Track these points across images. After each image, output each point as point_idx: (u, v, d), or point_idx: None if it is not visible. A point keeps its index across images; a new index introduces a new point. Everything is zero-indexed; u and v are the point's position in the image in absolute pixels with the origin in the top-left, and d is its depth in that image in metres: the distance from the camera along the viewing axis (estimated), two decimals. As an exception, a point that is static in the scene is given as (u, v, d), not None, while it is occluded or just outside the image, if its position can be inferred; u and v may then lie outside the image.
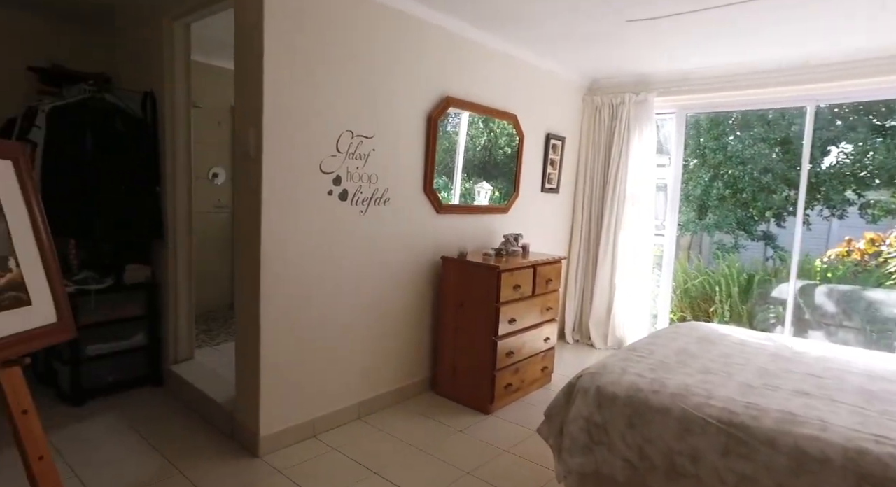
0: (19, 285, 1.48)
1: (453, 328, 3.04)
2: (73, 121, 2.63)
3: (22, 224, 1.52)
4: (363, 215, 2.62)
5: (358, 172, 2.56)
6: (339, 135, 2.45)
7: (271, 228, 2.24)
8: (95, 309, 2.77)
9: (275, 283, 2.29)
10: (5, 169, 1.51)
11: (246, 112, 2.24)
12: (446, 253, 3.11)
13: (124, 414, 2.68)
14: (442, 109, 2.93)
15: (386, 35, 2.59)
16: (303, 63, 2.25)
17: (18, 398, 1.46)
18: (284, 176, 2.26)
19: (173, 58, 2.80)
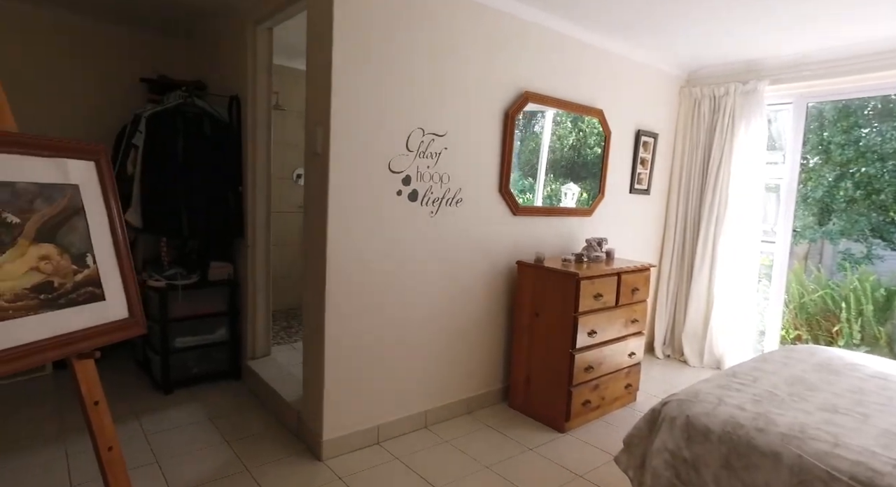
0: (95, 281, 1.54)
1: (528, 338, 2.86)
2: (167, 125, 2.79)
3: (100, 222, 1.58)
4: (433, 216, 2.52)
5: (429, 172, 2.47)
6: (410, 133, 2.37)
7: (337, 228, 2.21)
8: (183, 304, 2.92)
9: (340, 284, 2.25)
10: (88, 169, 1.57)
11: (314, 110, 2.23)
12: (522, 257, 2.93)
13: (205, 406, 2.79)
14: (519, 105, 2.76)
15: (459, 28, 2.47)
16: (372, 60, 2.19)
17: (91, 390, 1.51)
18: (352, 175, 2.21)
19: (256, 61, 2.88)
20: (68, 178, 1.50)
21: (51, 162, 1.47)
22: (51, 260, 1.43)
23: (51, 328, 1.40)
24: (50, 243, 1.43)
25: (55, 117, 3.29)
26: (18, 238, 1.36)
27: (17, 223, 1.36)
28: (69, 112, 3.33)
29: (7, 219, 1.34)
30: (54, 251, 1.44)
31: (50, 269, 1.42)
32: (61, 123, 3.31)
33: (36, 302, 1.37)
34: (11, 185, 1.36)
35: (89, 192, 1.56)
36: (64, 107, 3.31)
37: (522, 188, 2.94)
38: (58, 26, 3.25)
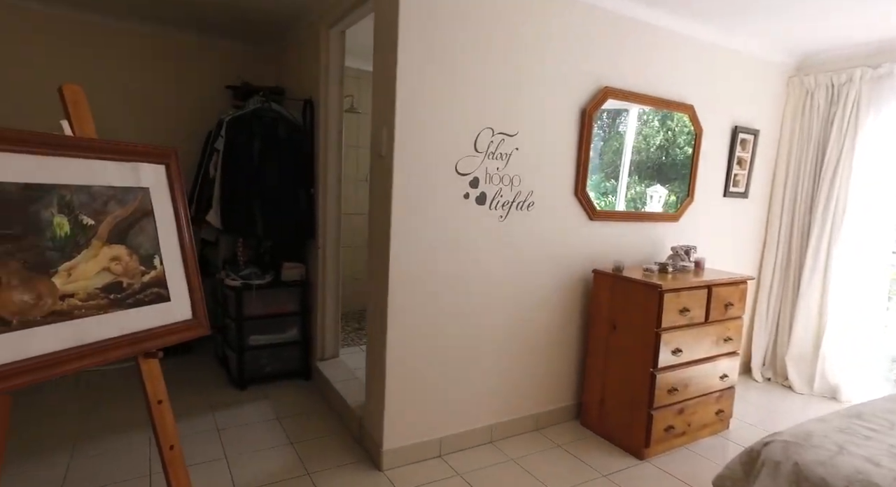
0: (161, 282, 1.57)
1: (603, 352, 2.64)
2: (244, 129, 2.88)
3: (168, 224, 1.61)
4: (503, 221, 2.39)
5: (498, 174, 2.34)
6: (478, 134, 2.25)
7: (401, 232, 2.14)
8: (257, 303, 3.00)
9: (403, 290, 2.18)
10: (158, 173, 1.61)
11: (380, 112, 2.17)
12: (599, 266, 2.72)
13: (275, 404, 2.84)
14: (598, 102, 2.55)
15: (531, 22, 2.31)
16: (439, 58, 2.10)
17: (155, 388, 1.54)
18: (417, 177, 2.13)
19: (328, 64, 2.90)
20: (140, 181, 1.54)
21: (124, 165, 1.51)
22: (121, 260, 1.47)
23: (119, 327, 1.43)
24: (121, 244, 1.47)
25: (152, 124, 3.53)
26: (92, 239, 1.40)
27: (91, 225, 1.41)
28: (164, 119, 3.56)
29: (83, 221, 1.39)
30: (124, 252, 1.48)
31: (120, 270, 1.46)
32: (156, 130, 3.55)
33: (106, 302, 1.41)
34: (88, 189, 1.40)
35: (159, 195, 1.59)
36: (159, 114, 3.55)
37: (604, 190, 2.73)
38: (154, 40, 3.48)
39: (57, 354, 1.29)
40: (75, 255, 1.35)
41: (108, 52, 3.35)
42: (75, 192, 1.37)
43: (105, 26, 3.32)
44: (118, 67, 3.39)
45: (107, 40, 3.34)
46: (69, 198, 1.36)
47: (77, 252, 1.36)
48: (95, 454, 2.28)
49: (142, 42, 3.44)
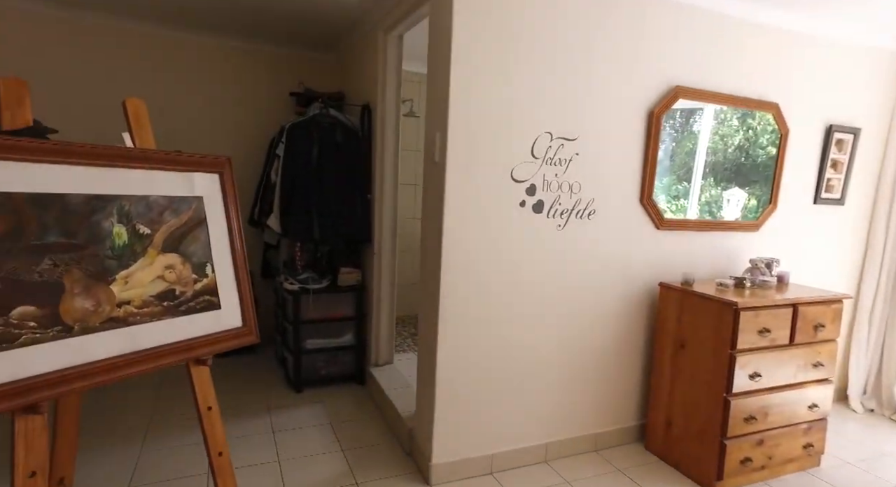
0: (212, 290, 1.59)
1: (670, 372, 2.44)
2: (303, 135, 2.93)
3: (220, 232, 1.64)
4: (561, 230, 2.26)
5: (556, 180, 2.21)
6: (536, 139, 2.14)
7: (453, 240, 2.07)
8: (314, 307, 3.04)
9: (455, 299, 2.11)
10: (212, 182, 1.64)
11: (433, 117, 2.12)
12: (666, 278, 2.52)
13: (329, 409, 2.86)
14: (668, 103, 2.37)
15: (593, 21, 2.17)
16: (495, 62, 2.02)
17: (205, 395, 1.56)
18: (470, 184, 2.06)
19: (385, 69, 2.89)
20: (194, 190, 1.57)
21: (180, 175, 1.54)
22: (175, 269, 1.50)
23: (172, 334, 1.46)
24: (174, 253, 1.50)
25: (221, 132, 3.69)
26: (148, 248, 1.44)
27: (147, 234, 1.44)
28: (232, 127, 3.71)
29: (140, 231, 1.43)
30: (178, 260, 1.51)
31: (173, 278, 1.49)
32: (224, 137, 3.71)
33: (160, 309, 1.45)
34: (146, 199, 1.44)
35: (212, 203, 1.62)
36: (227, 122, 3.70)
37: (676, 193, 2.53)
38: (221, 51, 3.64)
39: (113, 359, 1.32)
40: (132, 264, 1.39)
41: (177, 64, 3.53)
42: (134, 203, 1.42)
43: (173, 38, 3.50)
44: (188, 78, 3.56)
45: (176, 52, 3.52)
46: (128, 209, 1.40)
47: (133, 260, 1.40)
48: (163, 447, 2.39)
49: (210, 53, 3.60)
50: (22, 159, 1.22)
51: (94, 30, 3.29)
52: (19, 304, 1.18)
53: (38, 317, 1.20)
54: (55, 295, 1.24)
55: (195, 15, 3.18)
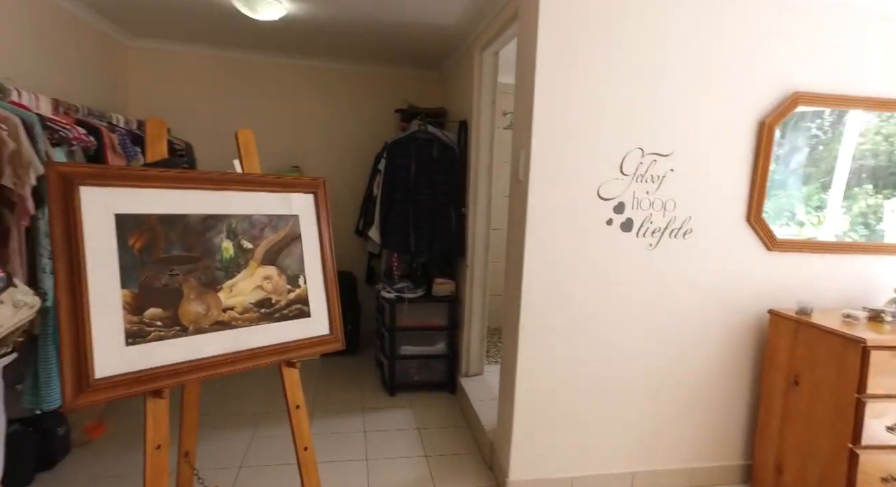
0: (303, 300, 1.76)
1: (780, 411, 2.19)
2: (401, 151, 3.10)
3: (313, 247, 1.81)
4: (652, 250, 2.15)
5: (648, 198, 2.11)
6: (625, 155, 2.06)
7: (535, 258, 2.06)
8: (409, 315, 3.19)
9: (536, 317, 2.10)
10: (307, 201, 1.82)
11: (519, 134, 2.14)
12: (778, 306, 2.27)
13: (418, 414, 2.99)
14: (784, 111, 2.13)
15: (691, 28, 2.04)
16: (582, 77, 1.98)
17: (294, 394, 1.73)
18: (553, 202, 2.04)
19: (481, 85, 2.95)
20: (291, 209, 1.76)
21: (279, 196, 1.74)
22: (272, 279, 1.69)
23: (267, 337, 1.65)
24: (272, 265, 1.70)
25: (336, 149, 4.03)
26: (250, 260, 1.64)
27: (250, 248, 1.65)
28: (342, 143, 4.05)
29: (244, 245, 1.64)
30: (275, 272, 1.70)
31: (270, 288, 1.69)
32: (337, 154, 4.04)
33: (258, 315, 1.64)
34: (249, 217, 1.65)
35: (307, 221, 1.80)
36: (337, 139, 4.04)
37: (820, 203, 2.27)
38: (335, 73, 3.98)
39: (218, 357, 1.53)
40: (236, 274, 1.60)
41: (295, 88, 3.93)
42: (240, 221, 1.63)
43: (294, 65, 3.90)
44: (306, 100, 3.95)
45: (294, 77, 3.92)
46: (235, 226, 1.62)
47: (237, 271, 1.61)
48: (271, 435, 2.67)
49: (324, 76, 3.96)
50: (157, 186, 1.46)
51: (227, 62, 3.79)
52: (150, 307, 1.41)
53: (163, 318, 1.44)
54: (176, 300, 1.46)
55: (314, 45, 3.54)
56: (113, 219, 1.38)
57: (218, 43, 3.63)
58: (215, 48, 3.72)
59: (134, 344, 1.37)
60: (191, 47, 3.69)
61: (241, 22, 3.01)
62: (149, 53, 3.66)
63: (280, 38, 3.38)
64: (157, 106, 3.69)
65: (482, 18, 2.75)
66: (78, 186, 1.33)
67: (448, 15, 2.79)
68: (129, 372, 1.35)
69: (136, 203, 1.42)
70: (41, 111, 2.21)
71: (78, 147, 2.21)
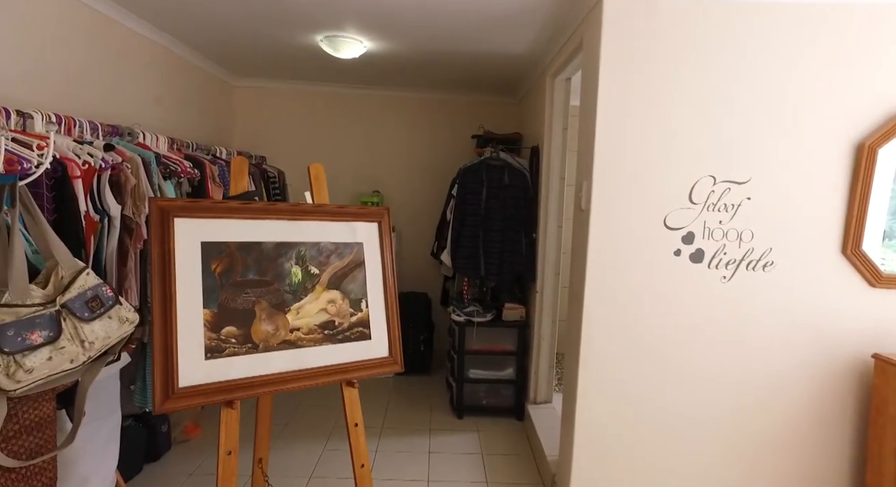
0: (365, 323, 1.87)
1: (894, 475, 1.92)
2: (473, 177, 3.17)
3: (375, 274, 1.92)
4: (726, 283, 2.01)
5: (721, 228, 1.99)
6: (695, 183, 1.97)
7: (597, 291, 2.02)
8: (478, 339, 3.22)
9: (597, 347, 2.04)
10: (371, 229, 1.94)
11: (581, 163, 2.12)
12: (885, 350, 2.01)
13: (484, 439, 2.98)
14: (889, 133, 1.92)
15: (774, 45, 1.91)
16: (647, 106, 1.93)
17: (353, 413, 1.83)
18: (617, 232, 1.99)
19: (552, 111, 2.96)
20: (356, 237, 1.88)
21: (345, 225, 1.87)
22: (335, 303, 1.82)
23: (329, 357, 1.76)
24: (336, 290, 1.83)
25: (416, 174, 4.22)
26: (316, 285, 1.78)
27: (316, 273, 1.79)
28: (422, 167, 4.23)
29: (311, 271, 1.78)
30: (339, 296, 1.82)
31: (334, 311, 1.81)
32: (415, 177, 4.22)
33: (321, 336, 1.77)
34: (317, 245, 1.80)
35: (370, 248, 1.91)
36: (418, 164, 4.22)
37: None
38: (416, 102, 4.17)
39: (285, 374, 1.67)
40: (303, 297, 1.74)
41: (376, 117, 4.18)
42: (308, 248, 1.77)
43: (372, 96, 4.16)
44: (386, 129, 4.19)
45: (376, 107, 4.17)
46: (303, 253, 1.76)
47: (304, 295, 1.75)
48: (339, 449, 2.81)
49: (404, 105, 4.18)
50: (237, 217, 1.65)
51: (316, 96, 4.13)
52: (226, 325, 1.58)
53: (237, 336, 1.60)
54: (248, 320, 1.62)
55: (393, 77, 3.75)
56: (199, 246, 1.57)
57: (308, 79, 3.97)
58: (306, 84, 4.07)
59: (212, 358, 1.53)
60: (285, 84, 4.07)
61: (328, 60, 3.29)
62: (251, 91, 4.09)
63: (362, 72, 3.63)
64: (256, 138, 4.10)
65: (551, 48, 2.77)
66: (173, 218, 1.54)
67: (518, 45, 2.85)
68: (208, 382, 1.52)
69: (218, 232, 1.61)
70: (159, 149, 2.56)
71: (184, 179, 2.52)
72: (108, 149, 1.94)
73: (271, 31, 2.85)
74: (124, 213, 2.04)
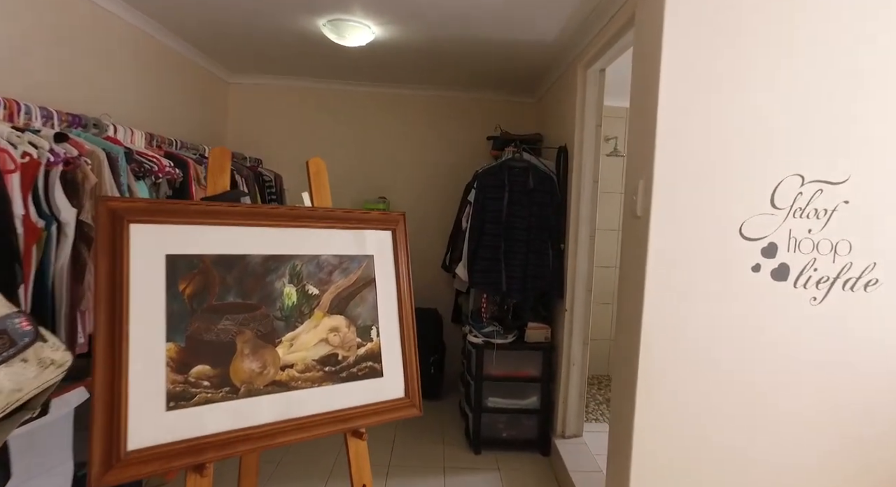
0: (375, 355, 1.50)
1: None
2: (493, 181, 2.81)
3: (388, 293, 1.55)
4: (817, 304, 1.64)
5: (810, 238, 1.62)
6: (778, 184, 1.61)
7: (657, 314, 1.65)
8: (498, 363, 2.84)
9: (658, 386, 1.67)
10: (384, 239, 1.57)
11: (636, 160, 1.76)
12: None
13: (506, 479, 2.59)
14: None
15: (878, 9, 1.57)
16: (716, 87, 1.59)
17: (360, 470, 1.45)
18: (680, 242, 1.63)
19: (584, 107, 2.61)
20: (364, 249, 1.52)
21: (352, 233, 1.50)
22: (339, 331, 1.45)
23: (330, 402, 1.39)
24: (340, 314, 1.46)
25: (421, 177, 3.86)
26: (315, 309, 1.41)
27: (316, 294, 1.42)
28: (432, 172, 3.87)
29: (309, 291, 1.41)
30: (343, 323, 1.45)
31: (337, 341, 1.44)
32: (424, 183, 3.87)
33: (321, 375, 1.39)
34: (317, 258, 1.43)
35: (382, 262, 1.54)
36: (428, 167, 3.87)
37: None
38: (428, 100, 3.83)
39: (273, 425, 1.29)
40: (298, 325, 1.37)
41: (381, 117, 3.84)
42: (306, 262, 1.41)
43: (377, 93, 3.81)
44: (393, 129, 3.84)
45: (381, 105, 3.83)
46: (299, 268, 1.40)
47: (300, 321, 1.38)
48: (341, 492, 2.42)
49: (412, 104, 3.84)
50: (215, 223, 1.28)
51: (316, 93, 3.79)
52: (197, 363, 1.21)
53: (212, 377, 1.23)
54: (227, 356, 1.25)
55: (402, 72, 3.42)
56: (163, 259, 1.20)
57: (309, 75, 3.63)
58: (306, 80, 3.73)
59: (176, 407, 1.16)
60: (284, 81, 3.73)
61: (331, 51, 2.95)
62: (247, 89, 3.75)
63: (368, 65, 3.29)
64: (252, 139, 3.75)
65: (586, 31, 2.43)
66: (128, 223, 1.17)
67: (547, 29, 2.50)
68: (168, 442, 1.14)
69: (190, 242, 1.24)
70: (135, 144, 2.21)
71: (163, 179, 2.16)
72: (60, 140, 1.58)
73: (269, 15, 2.51)
74: (81, 219, 1.67)
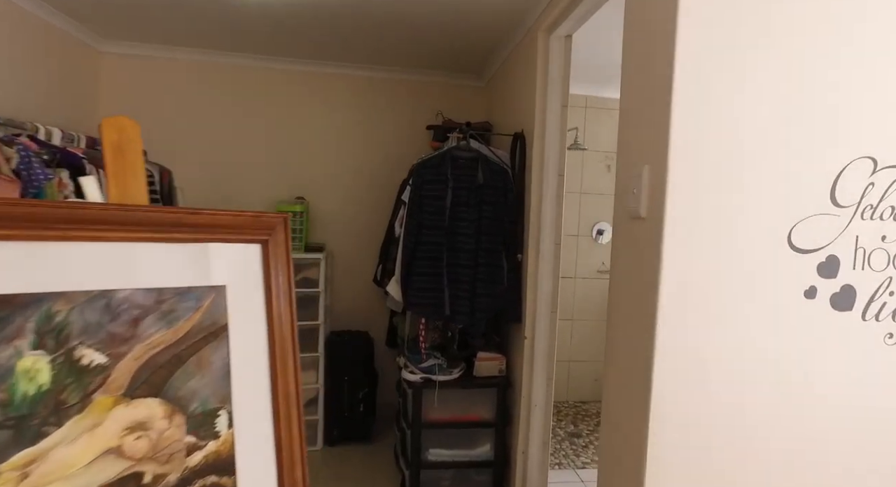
0: (224, 461, 0.86)
1: None
2: (434, 176, 2.23)
3: (254, 351, 0.91)
4: (894, 344, 1.17)
5: (884, 248, 1.15)
6: (841, 171, 1.12)
7: (674, 355, 1.12)
8: (439, 405, 2.25)
9: (677, 443, 1.14)
10: (246, 258, 0.94)
11: (633, 142, 1.23)
12: None
13: (452, 560, 2.00)
14: None
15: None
16: (762, 38, 1.08)
17: None
18: (706, 254, 1.11)
19: (547, 82, 2.08)
20: (209, 275, 0.87)
21: (186, 249, 0.86)
22: (149, 429, 0.80)
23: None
24: (154, 397, 0.81)
25: (345, 173, 3.24)
26: (95, 394, 0.76)
27: (101, 364, 0.77)
28: (358, 166, 3.25)
29: (85, 360, 0.76)
30: (158, 412, 0.80)
31: (143, 449, 0.78)
32: (348, 181, 3.24)
33: (107, 518, 0.75)
34: (106, 297, 0.77)
35: (242, 296, 0.90)
36: (352, 161, 3.25)
37: None
38: (353, 81, 3.21)
39: None
40: (51, 431, 0.72)
41: (297, 101, 3.18)
42: (78, 306, 0.75)
43: (291, 71, 3.16)
44: (311, 116, 3.19)
45: (297, 86, 3.18)
46: (63, 319, 0.74)
47: (57, 423, 0.72)
48: None
49: (334, 85, 3.20)
50: None
51: (215, 69, 3.08)
52: None
53: None
54: None
55: (320, 45, 2.78)
56: None
57: (205, 44, 2.91)
58: (200, 51, 3.00)
59: None
60: (172, 51, 2.99)
61: (231, 12, 2.27)
62: (123, 60, 2.97)
63: (275, 32, 2.63)
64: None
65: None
66: None
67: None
68: None
69: None
70: None
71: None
72: None
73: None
74: None
